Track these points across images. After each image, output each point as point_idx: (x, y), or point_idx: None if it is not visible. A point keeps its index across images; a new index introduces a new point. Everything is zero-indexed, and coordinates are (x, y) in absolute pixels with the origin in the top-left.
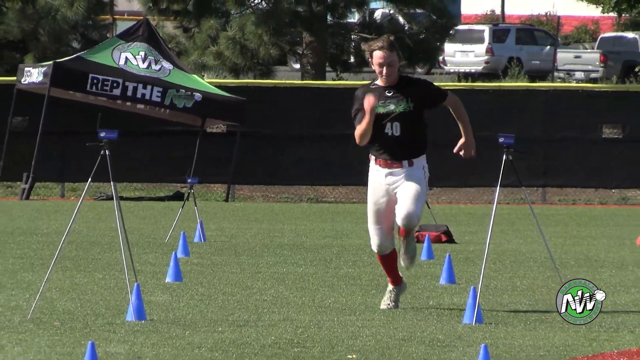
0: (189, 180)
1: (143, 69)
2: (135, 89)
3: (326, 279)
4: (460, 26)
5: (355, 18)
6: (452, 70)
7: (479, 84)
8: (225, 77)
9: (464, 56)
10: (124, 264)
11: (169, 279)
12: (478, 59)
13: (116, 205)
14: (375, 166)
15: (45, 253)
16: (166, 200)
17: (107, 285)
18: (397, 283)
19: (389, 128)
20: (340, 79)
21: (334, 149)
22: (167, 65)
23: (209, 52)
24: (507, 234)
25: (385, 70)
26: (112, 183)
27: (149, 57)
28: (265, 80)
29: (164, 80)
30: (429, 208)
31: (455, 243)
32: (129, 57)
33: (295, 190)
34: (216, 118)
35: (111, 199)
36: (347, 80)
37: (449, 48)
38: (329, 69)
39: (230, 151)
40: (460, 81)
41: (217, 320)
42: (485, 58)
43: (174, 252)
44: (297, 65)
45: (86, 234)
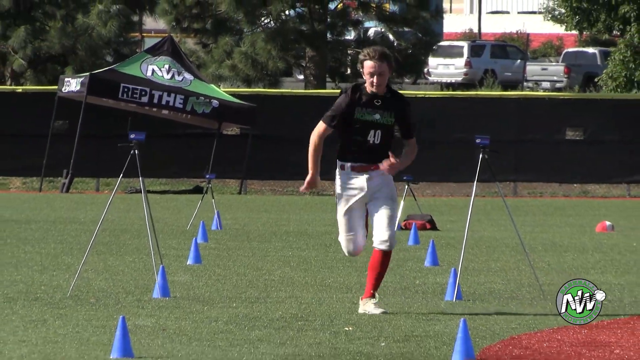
0: (207, 176)
1: (167, 79)
2: (160, 97)
3: (326, 261)
4: (442, 42)
5: (351, 35)
6: (435, 81)
7: (459, 93)
8: (238, 87)
9: (445, 68)
10: (151, 248)
11: (190, 262)
12: (458, 71)
13: (144, 197)
14: (350, 173)
15: (82, 239)
16: (187, 193)
17: (136, 267)
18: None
19: (372, 135)
20: (339, 88)
21: (334, 149)
22: (189, 76)
23: (224, 65)
24: (483, 222)
25: (375, 80)
26: (141, 178)
27: (172, 69)
28: (274, 89)
29: (186, 89)
30: (415, 200)
31: (438, 230)
32: (155, 69)
33: (300, 185)
34: (231, 122)
35: (139, 192)
36: None
37: (432, 61)
38: (328, 79)
39: (243, 151)
40: (442, 90)
41: (232, 297)
42: (464, 70)
43: (194, 238)
44: (301, 76)
45: (118, 223)
